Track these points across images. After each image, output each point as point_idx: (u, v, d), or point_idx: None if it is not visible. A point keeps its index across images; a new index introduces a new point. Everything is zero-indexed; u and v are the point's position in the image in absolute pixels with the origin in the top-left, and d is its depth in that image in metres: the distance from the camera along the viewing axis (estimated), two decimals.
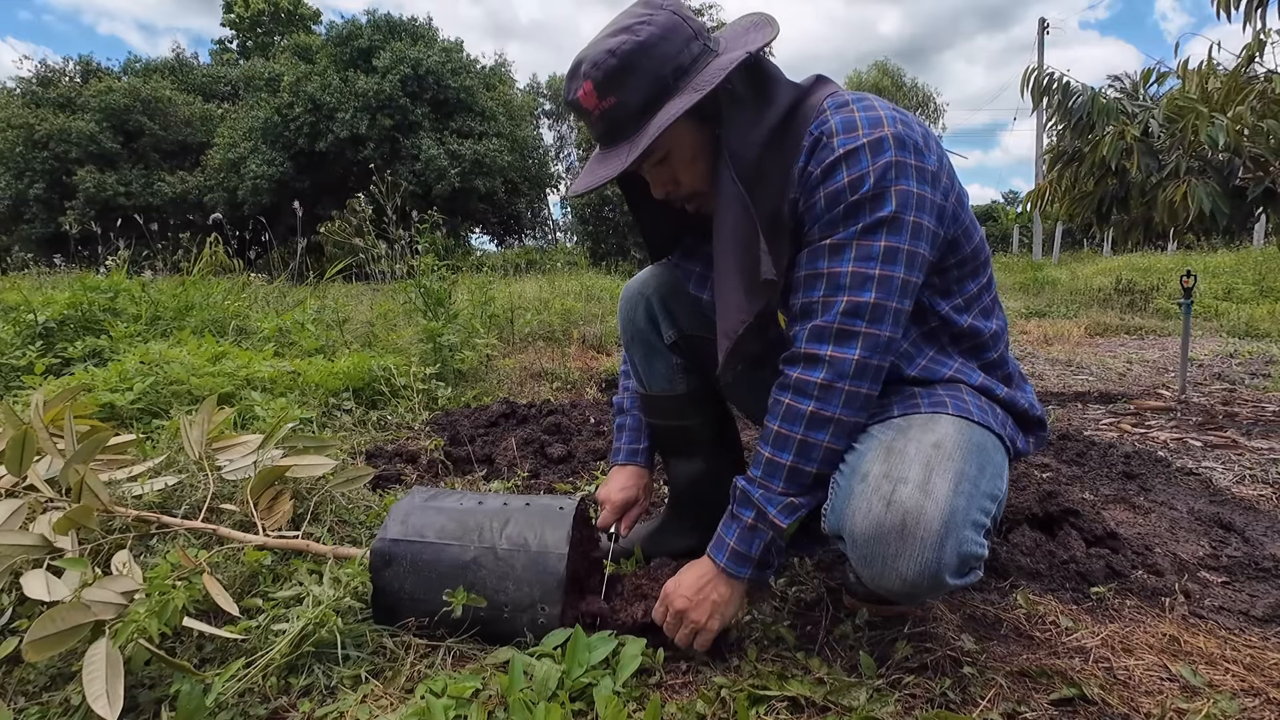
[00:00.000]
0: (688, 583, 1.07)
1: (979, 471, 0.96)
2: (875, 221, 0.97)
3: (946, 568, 0.89)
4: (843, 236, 0.98)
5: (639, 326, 1.37)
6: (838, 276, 0.98)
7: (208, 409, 1.60)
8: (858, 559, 0.94)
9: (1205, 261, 10.91)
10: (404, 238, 4.51)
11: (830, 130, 0.99)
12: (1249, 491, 1.95)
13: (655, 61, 0.99)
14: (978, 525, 0.93)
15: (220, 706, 0.96)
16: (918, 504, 0.89)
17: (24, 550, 1.13)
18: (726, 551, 1.05)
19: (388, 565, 1.13)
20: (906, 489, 0.90)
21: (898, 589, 0.91)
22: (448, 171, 23.49)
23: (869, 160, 0.97)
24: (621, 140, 1.02)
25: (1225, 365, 4.22)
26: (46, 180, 24.39)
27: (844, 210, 0.98)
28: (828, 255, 0.99)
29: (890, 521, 0.89)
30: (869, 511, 0.91)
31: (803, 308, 1.02)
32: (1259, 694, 1.00)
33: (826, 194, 0.99)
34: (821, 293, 1.00)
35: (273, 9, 34.93)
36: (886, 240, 0.97)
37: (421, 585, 1.12)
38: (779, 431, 1.02)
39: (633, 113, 1.00)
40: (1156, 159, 2.72)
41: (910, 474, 0.91)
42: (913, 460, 0.93)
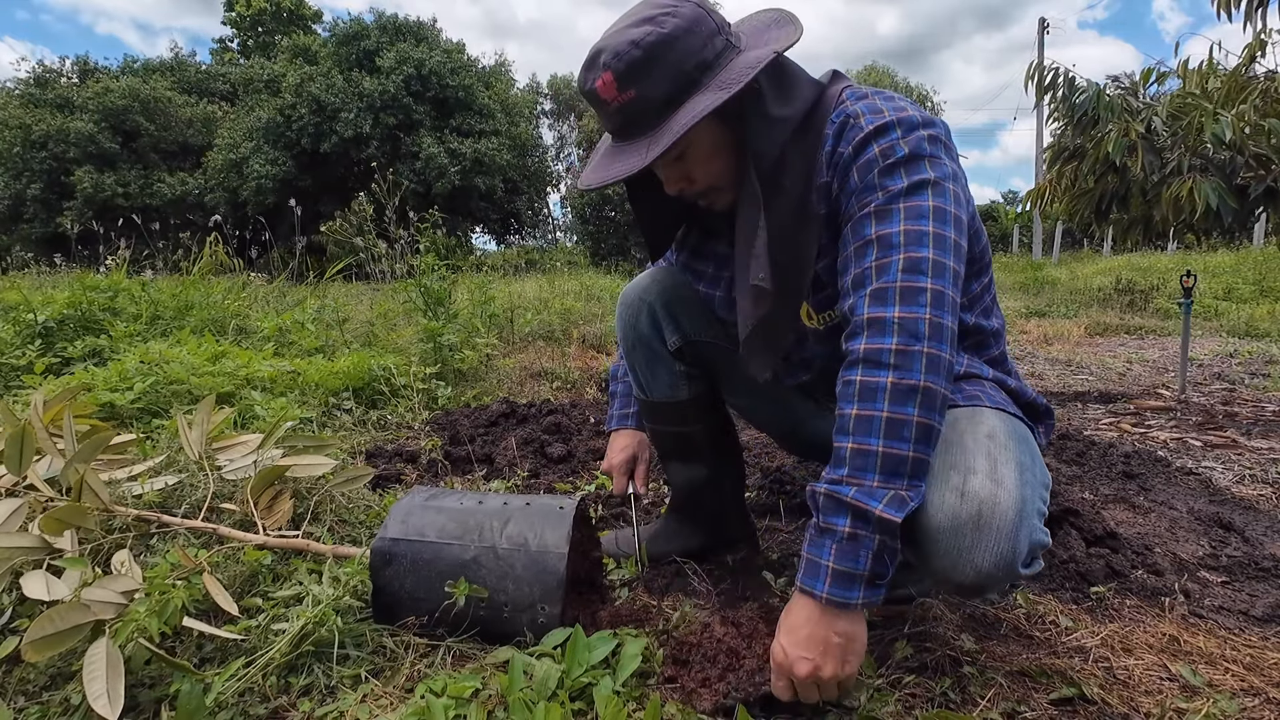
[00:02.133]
0: (798, 639, 0.88)
1: (1032, 460, 0.95)
2: (917, 183, 0.94)
3: (1020, 557, 0.87)
4: (885, 200, 0.94)
5: (641, 333, 1.33)
6: (889, 237, 0.92)
7: (207, 408, 1.60)
8: (931, 553, 0.89)
9: (1205, 261, 10.91)
10: (404, 237, 4.51)
11: (856, 113, 0.99)
12: (1249, 491, 1.95)
13: (679, 55, 0.95)
14: (1040, 514, 0.93)
15: (220, 706, 0.96)
16: (991, 494, 0.86)
17: (24, 551, 1.13)
18: (826, 576, 0.87)
19: (388, 564, 1.13)
20: (977, 479, 0.88)
21: (972, 581, 0.87)
22: (448, 170, 23.52)
23: (899, 134, 0.96)
24: (639, 134, 0.98)
25: (1225, 365, 4.22)
26: (45, 180, 24.39)
27: (879, 173, 0.95)
28: (874, 220, 0.94)
29: (966, 513, 0.86)
30: (943, 504, 0.88)
31: (855, 279, 0.95)
32: (1259, 694, 1.00)
33: (859, 166, 0.97)
34: (874, 257, 0.93)
35: (274, 8, 34.92)
36: (934, 200, 0.93)
37: (422, 584, 1.12)
38: (859, 414, 0.88)
39: (653, 107, 0.96)
40: (1160, 157, 2.71)
41: (977, 465, 0.89)
42: (974, 451, 0.91)
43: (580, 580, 1.26)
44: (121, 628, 0.97)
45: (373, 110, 23.54)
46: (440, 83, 24.34)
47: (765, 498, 1.84)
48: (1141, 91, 3.06)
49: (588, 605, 1.23)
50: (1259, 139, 2.51)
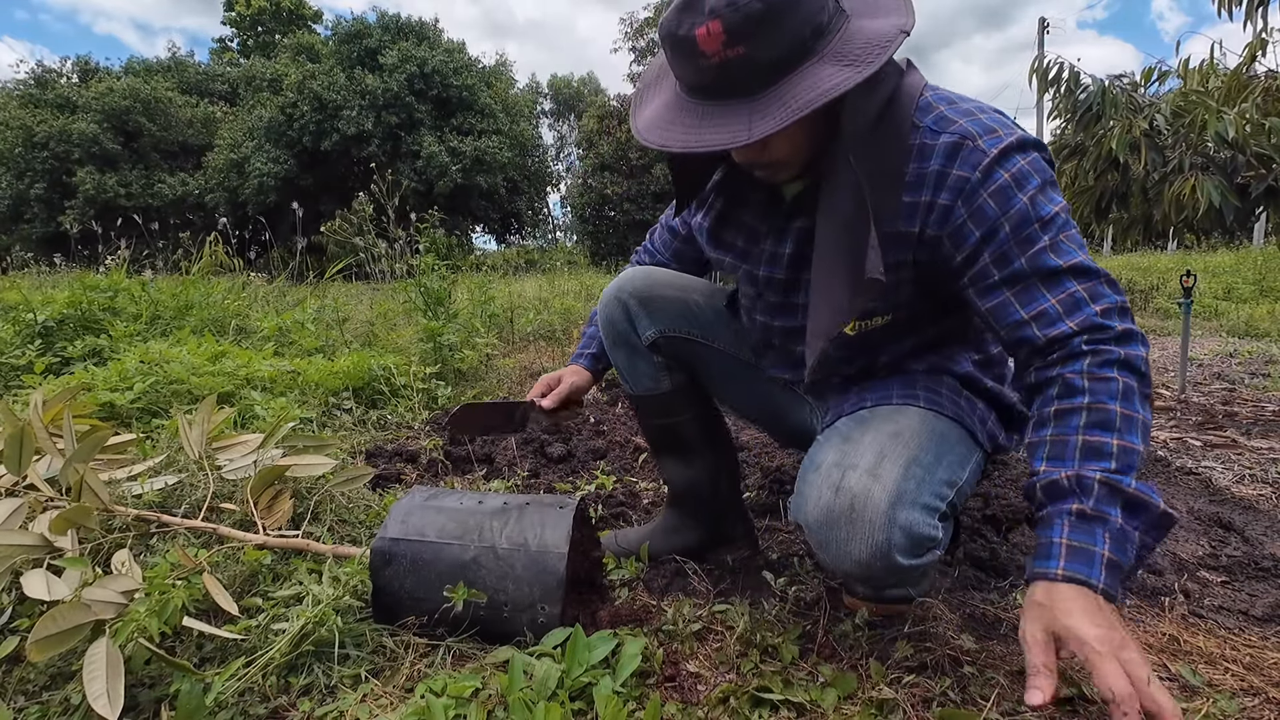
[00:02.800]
0: (1094, 635, 0.78)
1: (935, 459, 0.98)
2: (1058, 213, 0.93)
3: (897, 547, 0.91)
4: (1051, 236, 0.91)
5: (619, 328, 1.35)
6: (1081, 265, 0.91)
7: (207, 408, 1.60)
8: (815, 545, 0.97)
9: (1205, 261, 10.90)
10: (404, 237, 4.51)
11: (969, 133, 0.94)
12: (1249, 491, 1.95)
13: (800, 17, 0.85)
14: (929, 508, 0.95)
15: (220, 706, 0.96)
16: (865, 488, 0.91)
17: (24, 550, 1.13)
18: (1101, 564, 0.82)
19: (388, 564, 1.13)
20: (855, 474, 0.93)
21: (854, 571, 0.94)
22: (449, 168, 23.56)
23: (1022, 158, 0.93)
24: (735, 98, 0.87)
25: (1225, 365, 4.22)
26: (47, 180, 24.44)
27: (1028, 207, 0.92)
28: (1054, 253, 0.91)
29: (839, 506, 0.92)
30: (819, 499, 0.94)
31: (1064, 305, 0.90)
32: (1258, 693, 1.00)
33: (993, 193, 0.92)
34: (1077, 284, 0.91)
35: (274, 8, 34.93)
36: (1076, 229, 0.94)
37: (421, 584, 1.12)
38: (1124, 413, 0.85)
39: (760, 70, 0.85)
40: (1162, 154, 2.71)
41: (861, 460, 0.94)
42: (866, 448, 0.96)
43: (580, 580, 1.26)
44: (122, 628, 0.97)
45: (375, 108, 23.57)
46: (442, 82, 24.38)
47: (765, 497, 1.84)
48: (1142, 91, 3.06)
49: (588, 605, 1.23)
50: (1260, 138, 2.51)
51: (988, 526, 1.57)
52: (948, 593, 1.30)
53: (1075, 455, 0.86)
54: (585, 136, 26.94)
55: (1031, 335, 0.92)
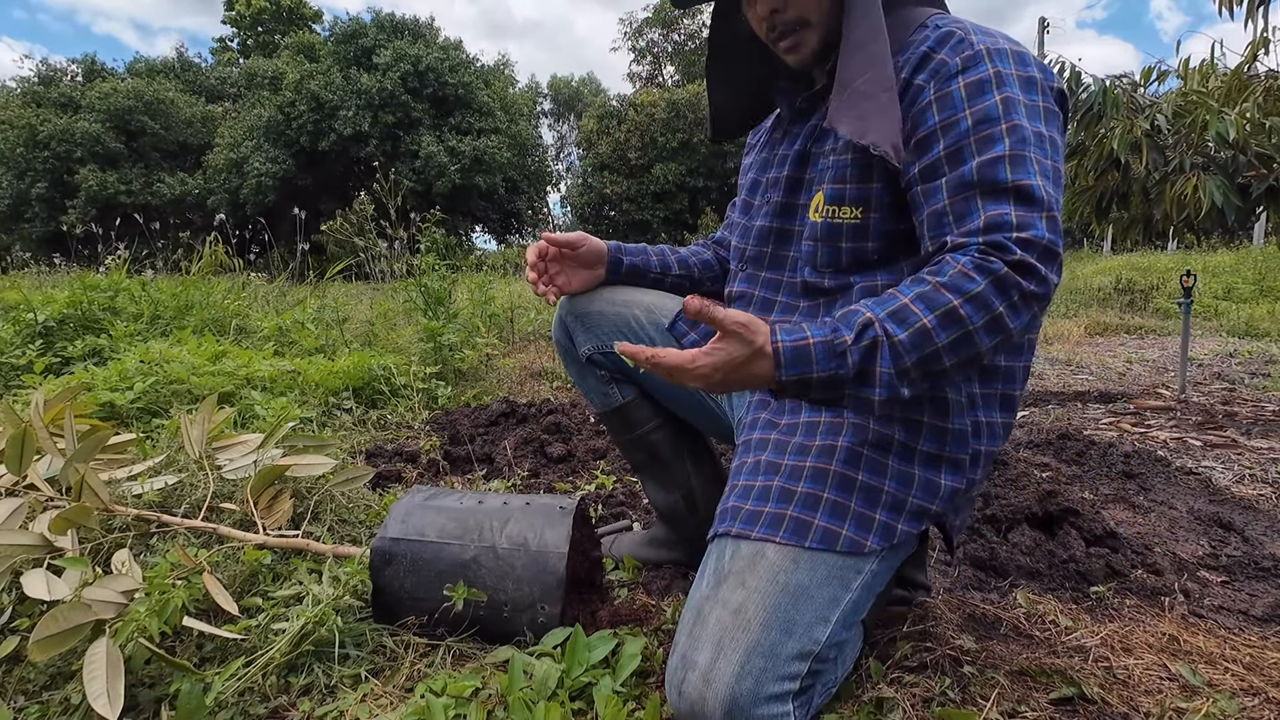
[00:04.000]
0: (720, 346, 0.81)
1: (784, 634, 0.88)
2: (1038, 134, 0.88)
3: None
4: (1012, 145, 0.86)
5: (564, 346, 1.34)
6: (1031, 190, 0.86)
7: (208, 408, 1.60)
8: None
9: (1205, 261, 10.91)
10: (404, 237, 4.51)
11: (965, 27, 0.93)
12: (1248, 491, 1.95)
13: None
14: (775, 697, 0.86)
15: (220, 705, 0.96)
16: (700, 695, 0.85)
17: (24, 550, 1.13)
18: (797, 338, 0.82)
19: (388, 564, 1.13)
20: (693, 676, 0.86)
21: None
22: (448, 168, 23.55)
23: (1012, 64, 0.90)
24: None
25: (1225, 365, 4.22)
26: (49, 180, 24.46)
27: (999, 107, 0.88)
28: (1009, 166, 0.86)
29: (683, 710, 0.87)
30: (670, 697, 0.88)
31: (990, 221, 0.86)
32: (1258, 693, 1.00)
33: (967, 84, 0.89)
34: (1013, 206, 0.86)
35: (274, 8, 34.94)
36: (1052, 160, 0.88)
37: (421, 584, 1.12)
38: (955, 308, 0.81)
39: None
40: (1163, 154, 2.71)
41: (700, 658, 0.87)
42: (706, 640, 0.88)
43: (580, 580, 1.26)
44: (122, 627, 0.97)
45: (371, 108, 23.57)
46: (438, 80, 24.37)
47: None
48: (1142, 91, 3.06)
49: (587, 605, 1.23)
50: (1260, 138, 2.51)
51: (988, 526, 1.57)
52: (947, 593, 1.30)
53: (883, 305, 0.84)
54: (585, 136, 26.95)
55: (948, 238, 0.89)
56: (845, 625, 0.93)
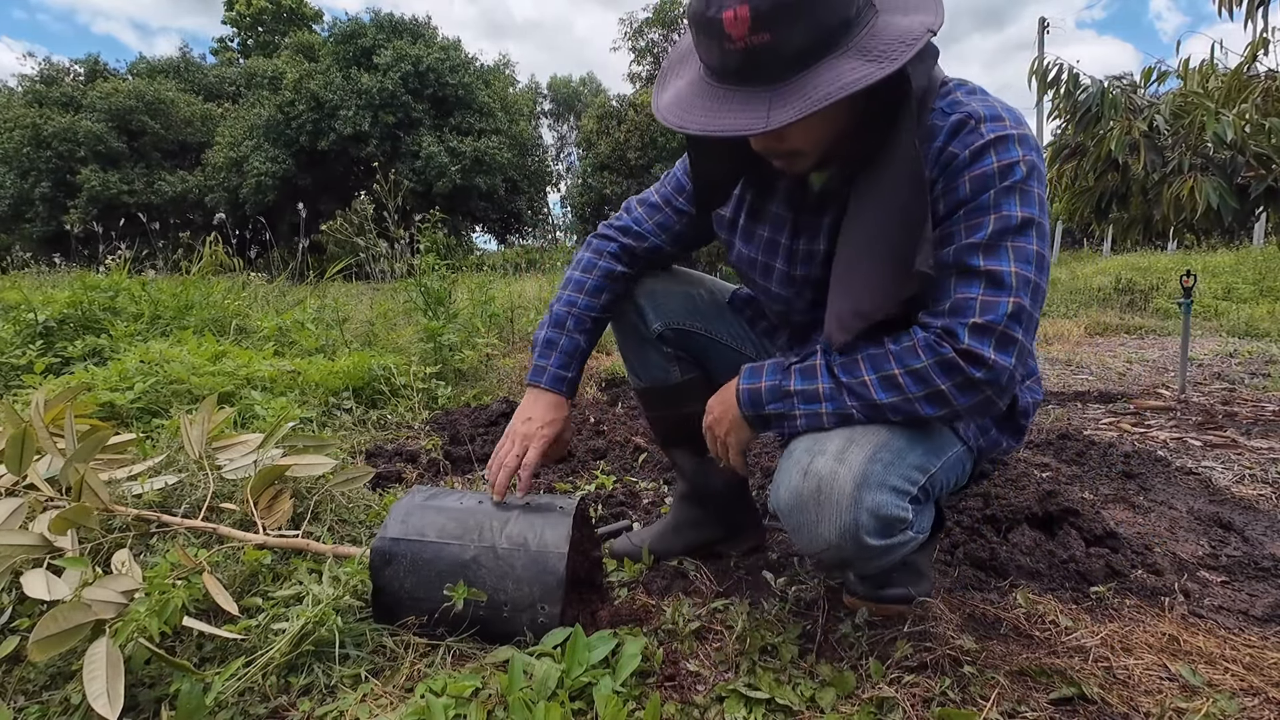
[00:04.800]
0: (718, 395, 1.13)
1: (906, 445, 0.99)
2: (1025, 220, 0.93)
3: (864, 528, 0.94)
4: (993, 233, 0.92)
5: (630, 322, 1.36)
6: (1000, 275, 0.92)
7: (208, 408, 1.60)
8: (789, 530, 1.00)
9: (1205, 261, 10.90)
10: (404, 237, 4.51)
11: (977, 115, 0.95)
12: (1248, 491, 1.95)
13: (828, 8, 0.85)
14: (897, 490, 0.96)
15: (220, 705, 0.96)
16: (831, 470, 0.94)
17: (24, 550, 1.13)
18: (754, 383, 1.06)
19: (388, 564, 1.13)
20: (822, 459, 0.96)
21: (825, 553, 0.97)
22: (448, 169, 23.54)
23: (1019, 151, 0.93)
24: (758, 84, 0.87)
25: (1225, 365, 4.22)
26: (52, 179, 24.45)
27: (995, 194, 0.93)
28: (983, 253, 0.93)
29: (807, 489, 0.95)
30: (789, 483, 0.97)
31: (955, 305, 0.94)
32: (1258, 693, 1.00)
33: (974, 176, 0.94)
34: (981, 290, 0.92)
35: (274, 8, 34.93)
36: (1037, 245, 0.94)
37: (421, 584, 1.12)
38: (895, 376, 0.95)
39: (785, 58, 0.85)
40: (1161, 155, 2.71)
41: (829, 446, 0.97)
42: (836, 436, 0.98)
43: (580, 580, 1.26)
44: (122, 627, 0.97)
45: (371, 108, 23.55)
46: (439, 80, 24.36)
47: (766, 497, 1.84)
48: (1142, 91, 3.06)
49: (587, 605, 1.23)
50: (1259, 138, 2.51)
51: (988, 526, 1.57)
52: (948, 593, 1.30)
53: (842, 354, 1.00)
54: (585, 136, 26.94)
55: (921, 315, 0.98)
56: (938, 480, 1.05)
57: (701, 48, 0.91)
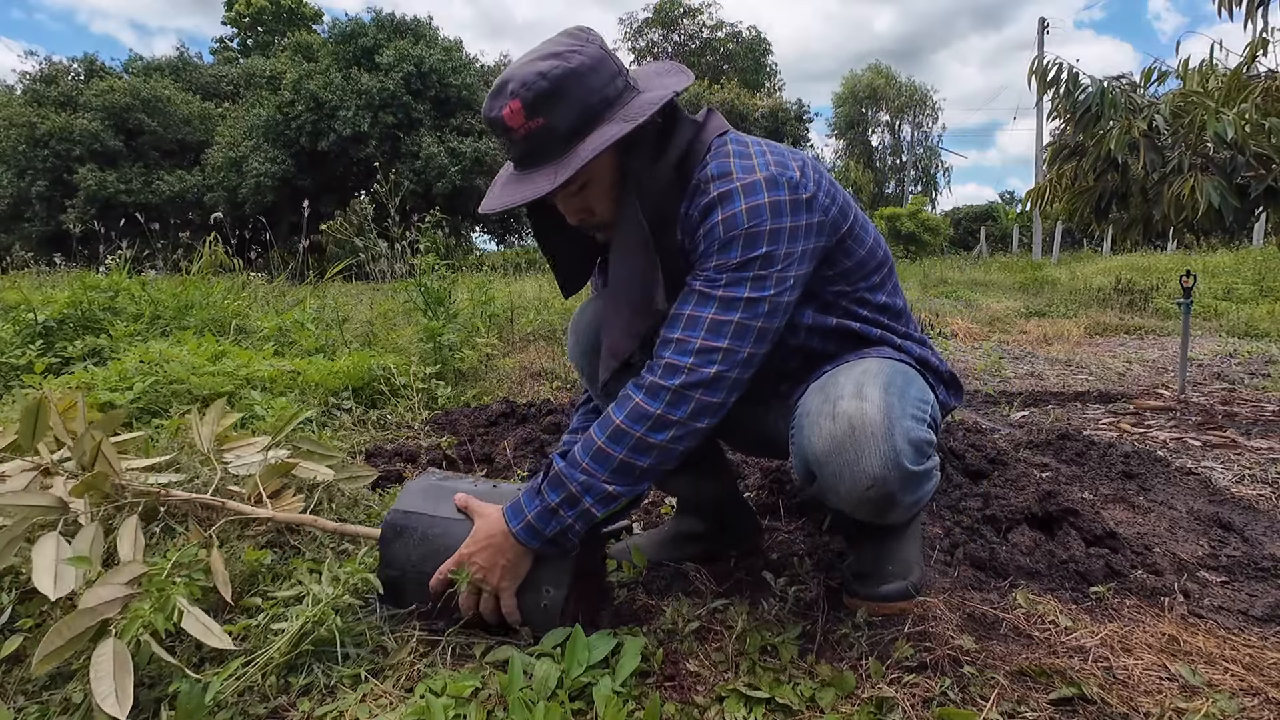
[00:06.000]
0: (479, 546, 1.09)
1: (906, 383, 1.09)
2: (744, 261, 1.03)
3: (904, 454, 0.99)
4: (708, 282, 1.04)
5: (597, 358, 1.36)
6: (696, 322, 1.04)
7: (218, 410, 1.61)
8: (828, 479, 1.02)
9: (1205, 261, 10.91)
10: (404, 237, 4.51)
11: (707, 175, 1.07)
12: (1248, 491, 1.95)
13: (584, 90, 1.02)
14: (917, 417, 1.05)
15: (220, 705, 0.96)
16: (857, 408, 1.00)
17: (40, 511, 1.14)
18: (522, 521, 1.08)
19: (398, 536, 1.13)
20: (844, 401, 1.01)
21: (871, 490, 0.98)
22: (448, 169, 23.51)
23: (741, 201, 1.03)
24: (544, 163, 1.03)
25: (1225, 365, 4.23)
26: (49, 178, 24.42)
27: (717, 247, 1.04)
28: (695, 301, 1.05)
29: (840, 429, 0.99)
30: (819, 430, 1.02)
31: (663, 340, 1.07)
32: (1258, 693, 1.01)
33: (704, 233, 1.05)
34: (680, 331, 1.05)
35: (274, 7, 34.92)
36: (751, 290, 1.03)
37: (429, 557, 1.12)
38: (620, 426, 1.04)
39: (559, 137, 1.02)
40: (1161, 155, 2.71)
41: (844, 391, 1.03)
42: (844, 384, 1.05)
43: (585, 575, 1.25)
44: (127, 626, 0.97)
45: (371, 108, 23.52)
46: (440, 81, 24.32)
47: (765, 497, 1.84)
48: (1141, 91, 3.06)
49: (590, 601, 1.23)
50: (1259, 138, 2.51)
51: (987, 526, 1.57)
52: (947, 593, 1.30)
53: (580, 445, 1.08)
54: None
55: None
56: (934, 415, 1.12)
57: (501, 145, 1.07)
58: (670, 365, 1.04)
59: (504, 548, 1.08)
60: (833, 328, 1.19)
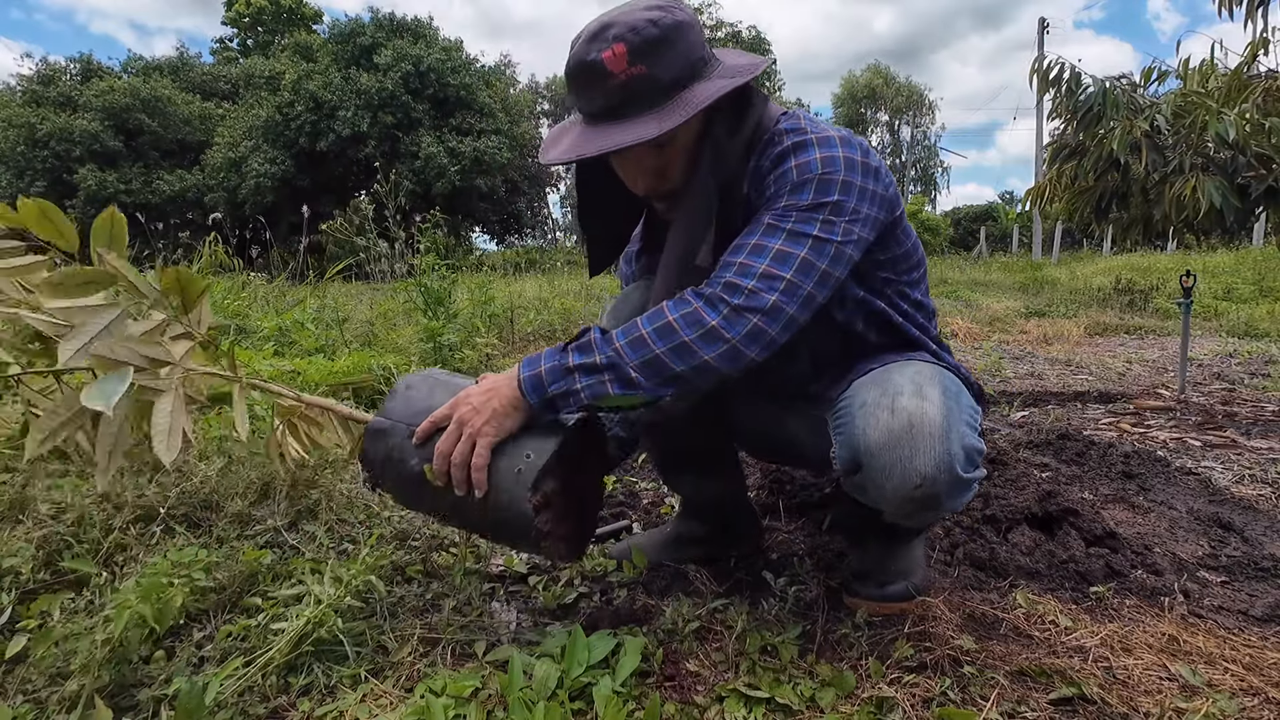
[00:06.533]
0: (480, 388, 1.04)
1: (958, 390, 1.08)
2: (816, 204, 1.02)
3: (956, 459, 0.97)
4: (780, 213, 1.02)
5: None
6: (762, 250, 1.00)
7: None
8: (877, 472, 0.99)
9: (1205, 261, 10.91)
10: (404, 237, 4.51)
11: (780, 131, 1.07)
12: (1248, 491, 1.95)
13: (688, 44, 1.01)
14: (970, 425, 1.04)
15: (219, 705, 0.96)
16: (918, 406, 0.99)
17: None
18: (533, 370, 1.02)
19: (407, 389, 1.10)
20: (904, 398, 1.00)
21: (919, 490, 0.97)
22: (448, 169, 23.51)
23: (817, 152, 1.03)
24: (641, 112, 1.00)
25: (1225, 365, 4.23)
26: (48, 179, 24.41)
27: (788, 189, 1.03)
28: (762, 231, 1.02)
29: (899, 425, 0.98)
30: (876, 422, 1.00)
31: (724, 264, 1.02)
32: (1258, 693, 1.01)
33: (775, 178, 1.05)
34: (744, 256, 1.01)
35: (274, 7, 34.89)
36: (820, 230, 1.01)
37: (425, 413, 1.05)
38: (670, 322, 0.99)
39: (660, 87, 1.00)
40: (1162, 155, 2.71)
41: (904, 389, 1.02)
42: (902, 382, 1.03)
43: (573, 475, 1.10)
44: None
45: (370, 108, 23.52)
46: (440, 80, 24.31)
47: (765, 497, 1.84)
48: (1142, 91, 3.05)
49: (570, 523, 1.10)
50: (1260, 138, 2.51)
51: (987, 526, 1.57)
52: (948, 593, 1.30)
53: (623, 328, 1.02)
54: None
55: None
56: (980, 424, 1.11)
57: (584, 94, 1.03)
58: (732, 284, 0.99)
59: (501, 392, 1.02)
60: (877, 311, 1.18)
